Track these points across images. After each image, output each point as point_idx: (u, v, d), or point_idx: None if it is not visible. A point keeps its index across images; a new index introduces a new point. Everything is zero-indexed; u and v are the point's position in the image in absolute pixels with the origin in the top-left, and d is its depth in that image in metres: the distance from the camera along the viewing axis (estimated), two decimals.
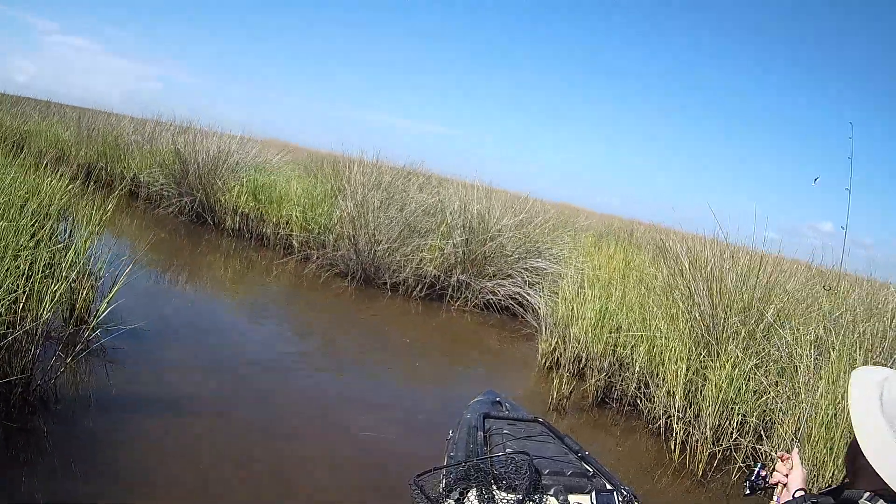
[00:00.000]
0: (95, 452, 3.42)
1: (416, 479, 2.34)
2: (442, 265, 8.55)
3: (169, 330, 5.49)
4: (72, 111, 16.40)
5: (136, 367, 4.61)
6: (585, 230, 12.80)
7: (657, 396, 5.73)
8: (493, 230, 8.61)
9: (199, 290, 7.31)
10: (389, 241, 8.48)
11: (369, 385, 5.48)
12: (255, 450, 3.83)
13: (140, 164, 12.11)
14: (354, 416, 4.62)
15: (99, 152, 13.23)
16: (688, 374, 5.65)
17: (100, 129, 14.26)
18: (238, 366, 5.07)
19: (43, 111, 16.71)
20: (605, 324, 6.72)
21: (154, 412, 4.00)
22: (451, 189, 9.99)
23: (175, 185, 10.94)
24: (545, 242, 9.26)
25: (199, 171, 10.45)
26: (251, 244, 10.17)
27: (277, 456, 3.80)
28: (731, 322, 5.89)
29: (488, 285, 8.47)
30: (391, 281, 8.46)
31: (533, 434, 2.94)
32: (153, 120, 13.64)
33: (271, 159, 11.96)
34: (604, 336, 6.52)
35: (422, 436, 4.47)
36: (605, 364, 6.39)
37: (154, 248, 9.27)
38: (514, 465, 2.40)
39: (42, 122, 15.33)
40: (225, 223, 10.47)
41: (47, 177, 6.37)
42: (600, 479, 2.58)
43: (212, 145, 10.72)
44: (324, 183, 10.36)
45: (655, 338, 6.27)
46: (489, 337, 7.90)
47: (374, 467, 3.90)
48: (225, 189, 10.40)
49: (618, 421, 5.85)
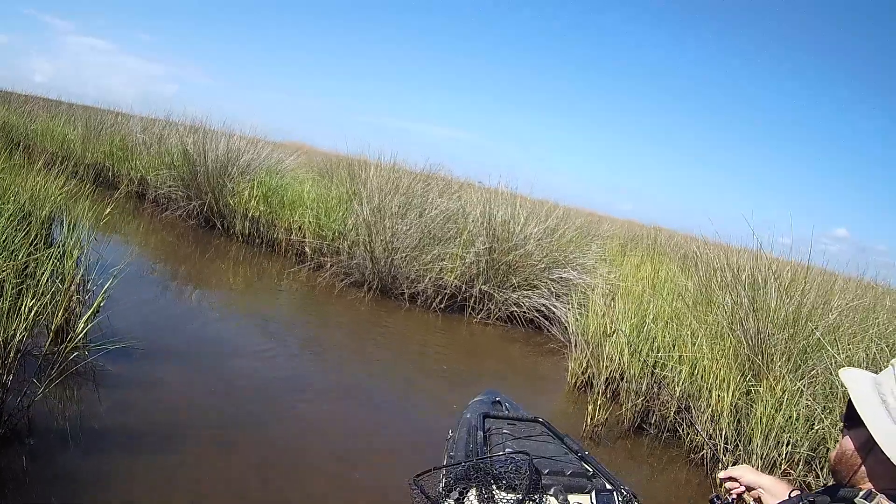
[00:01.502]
0: (73, 496, 2.92)
1: (416, 478, 2.29)
2: (463, 275, 8.00)
3: (167, 347, 4.96)
4: (81, 111, 16.02)
5: (127, 391, 4.08)
6: (610, 237, 12.25)
7: (700, 422, 5.22)
8: (518, 238, 8.06)
9: (203, 301, 6.76)
10: (408, 248, 7.95)
11: (387, 412, 4.90)
12: (260, 492, 3.30)
13: (147, 166, 11.66)
14: (372, 449, 4.08)
15: (106, 153, 12.81)
16: (734, 398, 5.15)
17: (107, 128, 13.86)
18: (243, 392, 4.52)
19: (52, 110, 16.37)
20: (642, 342, 6.19)
21: (145, 446, 3.47)
22: (472, 194, 9.45)
23: (183, 187, 10.47)
24: (572, 251, 8.69)
25: (208, 172, 9.97)
26: (261, 250, 9.66)
27: (285, 500, 3.28)
28: (776, 339, 5.35)
29: (512, 297, 7.91)
30: (409, 291, 7.91)
31: (533, 434, 2.92)
32: (162, 119, 13.19)
33: (284, 160, 11.45)
34: (641, 355, 5.99)
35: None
36: (642, 386, 5.86)
37: (159, 253, 8.82)
38: (514, 464, 2.37)
39: (50, 121, 14.97)
40: (235, 228, 9.97)
41: (40, 177, 5.88)
42: (600, 478, 2.56)
43: (221, 145, 10.22)
44: (339, 186, 9.85)
45: (697, 357, 5.76)
46: (513, 352, 7.34)
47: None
48: (235, 192, 9.92)
49: (656, 449, 5.30)
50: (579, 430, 5.21)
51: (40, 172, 6.04)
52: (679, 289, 8.13)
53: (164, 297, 6.52)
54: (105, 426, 3.60)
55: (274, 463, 3.62)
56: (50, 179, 6.14)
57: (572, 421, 5.42)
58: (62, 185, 6.25)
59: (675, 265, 10.98)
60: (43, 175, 6.12)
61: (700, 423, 5.22)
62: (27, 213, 5.05)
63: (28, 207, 5.32)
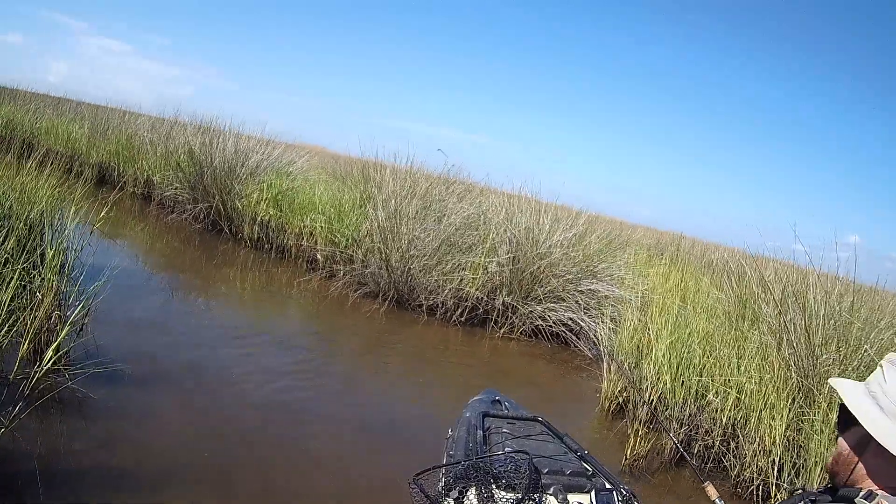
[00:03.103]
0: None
1: (415, 478, 2.22)
2: (485, 286, 7.45)
3: (162, 370, 4.41)
4: (89, 109, 15.61)
5: (113, 422, 3.56)
6: (638, 245, 11.68)
7: (748, 453, 4.71)
8: (544, 247, 7.50)
9: (206, 315, 6.19)
10: (426, 256, 7.42)
11: (403, 443, 4.34)
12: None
13: (154, 166, 11.20)
14: (387, 487, 3.55)
15: (111, 152, 12.37)
16: (788, 430, 4.64)
17: (114, 127, 13.43)
18: (245, 423, 3.99)
19: (59, 108, 16.00)
20: (683, 362, 5.64)
21: (130, 489, 2.97)
22: (494, 200, 8.90)
23: (189, 189, 9.98)
24: (601, 261, 8.13)
25: (215, 174, 9.47)
26: (271, 256, 9.13)
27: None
28: (826, 361, 4.91)
29: (538, 309, 7.35)
30: (427, 303, 7.37)
31: (532, 433, 2.88)
32: (171, 118, 12.73)
33: (296, 161, 10.93)
34: (684, 378, 5.45)
35: None
36: (685, 413, 5.32)
37: (162, 259, 8.35)
38: (514, 463, 2.32)
39: (56, 119, 14.58)
40: (243, 232, 9.45)
41: (30, 175, 5.39)
42: (600, 478, 2.54)
43: (229, 146, 9.72)
44: (352, 190, 9.33)
45: (744, 382, 5.25)
46: (539, 370, 6.79)
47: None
48: (243, 194, 9.41)
49: (699, 483, 4.72)
50: (618, 460, 4.73)
51: (31, 171, 5.54)
52: (713, 303, 7.59)
53: (163, 310, 5.97)
54: (83, 465, 3.09)
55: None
56: (42, 179, 5.67)
57: (610, 451, 4.91)
58: (55, 185, 5.79)
59: (706, 276, 10.42)
60: (34, 174, 5.64)
61: (748, 453, 4.73)
62: (7, 216, 4.54)
63: (17, 210, 4.84)
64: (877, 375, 1.33)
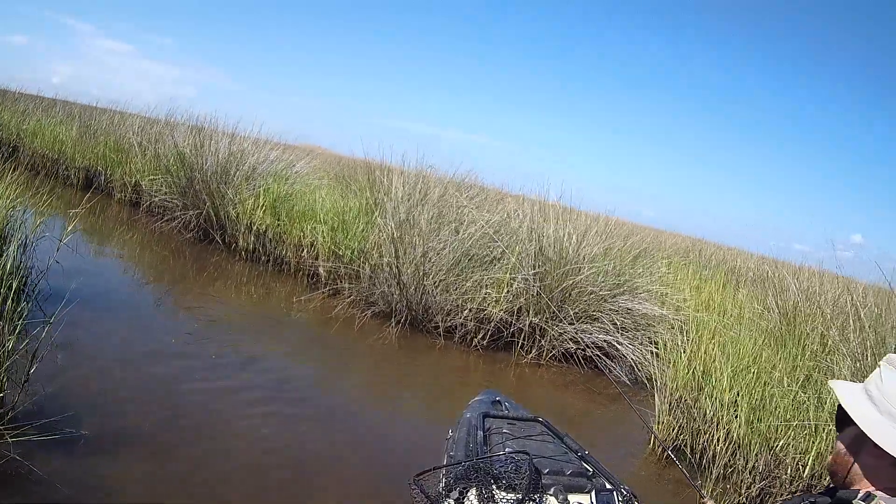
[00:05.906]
0: None
1: (416, 478, 2.17)
2: (511, 305, 6.59)
3: (132, 426, 3.56)
4: (83, 110, 14.76)
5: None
6: (670, 253, 10.86)
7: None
8: (574, 261, 6.66)
9: (190, 346, 5.15)
10: (442, 271, 6.57)
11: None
12: None
13: (142, 170, 10.35)
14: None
15: (99, 155, 11.54)
16: None
17: (103, 128, 12.61)
18: (236, 491, 3.17)
19: (47, 109, 15.17)
20: (753, 400, 4.82)
21: None
22: (512, 206, 8.07)
23: (179, 195, 9.13)
24: (637, 275, 7.28)
25: (206, 177, 8.61)
26: (268, 269, 8.25)
27: None
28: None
29: (568, 331, 6.52)
30: (444, 325, 6.53)
31: (533, 433, 2.84)
32: (162, 119, 11.90)
33: (295, 163, 10.06)
34: (757, 421, 4.63)
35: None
36: (760, 463, 4.51)
37: (147, 273, 7.51)
38: (514, 464, 2.28)
39: (44, 120, 13.76)
40: (237, 242, 8.59)
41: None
42: (600, 478, 2.51)
43: (222, 147, 8.86)
44: (357, 195, 8.49)
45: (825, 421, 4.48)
46: (571, 401, 5.96)
47: None
48: (237, 200, 8.55)
49: None
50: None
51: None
52: (758, 320, 6.78)
53: (142, 339, 5.07)
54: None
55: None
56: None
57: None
58: (19, 190, 4.99)
59: (742, 287, 9.59)
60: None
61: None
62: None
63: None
64: (875, 376, 1.31)
